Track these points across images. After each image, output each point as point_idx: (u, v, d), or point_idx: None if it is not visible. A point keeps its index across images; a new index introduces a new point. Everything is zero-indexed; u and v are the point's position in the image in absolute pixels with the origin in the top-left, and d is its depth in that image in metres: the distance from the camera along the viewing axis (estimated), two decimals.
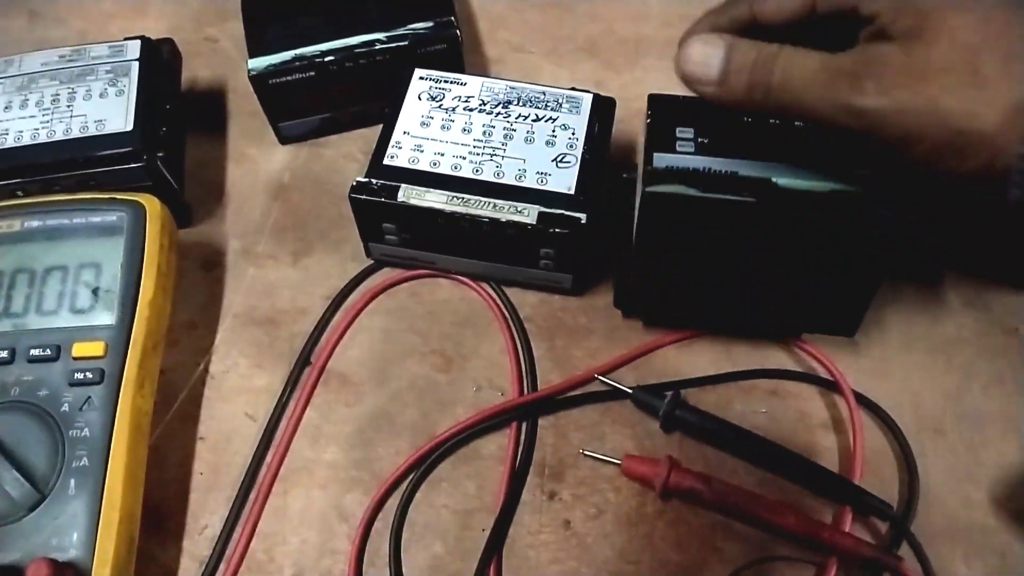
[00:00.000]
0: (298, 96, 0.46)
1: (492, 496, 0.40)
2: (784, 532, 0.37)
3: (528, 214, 0.39)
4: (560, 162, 0.41)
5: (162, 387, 0.41)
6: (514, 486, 0.40)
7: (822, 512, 0.39)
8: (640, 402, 0.40)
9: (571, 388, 0.42)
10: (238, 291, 0.45)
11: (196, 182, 0.48)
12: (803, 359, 0.42)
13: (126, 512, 0.36)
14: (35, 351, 0.38)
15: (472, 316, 0.44)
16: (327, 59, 0.45)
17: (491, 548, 0.38)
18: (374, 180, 0.41)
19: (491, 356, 0.43)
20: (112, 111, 0.43)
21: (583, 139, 0.42)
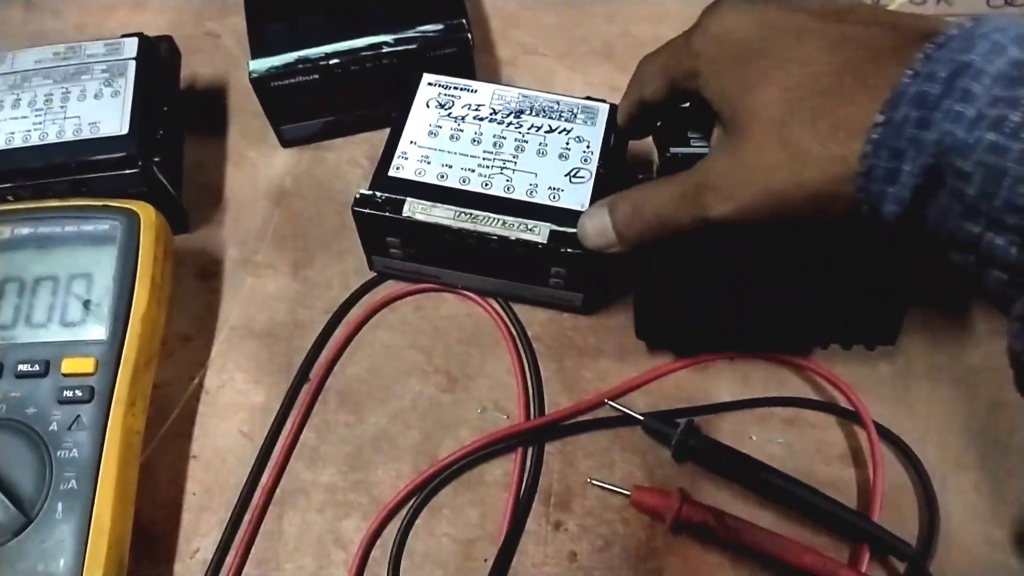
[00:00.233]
0: (301, 99, 0.44)
1: (495, 525, 0.38)
2: (799, 571, 0.36)
3: (539, 232, 0.38)
4: (574, 177, 0.39)
5: (155, 401, 0.40)
6: (518, 515, 0.38)
7: (837, 549, 0.37)
8: (651, 430, 0.39)
9: (580, 412, 0.40)
10: (235, 302, 0.44)
11: (194, 185, 0.46)
12: (823, 387, 0.41)
13: (115, 538, 0.34)
14: (23, 366, 0.36)
15: (478, 333, 0.43)
16: (332, 62, 0.43)
17: None
18: (378, 193, 0.39)
19: (497, 376, 0.41)
20: (107, 113, 0.41)
21: (598, 153, 0.40)
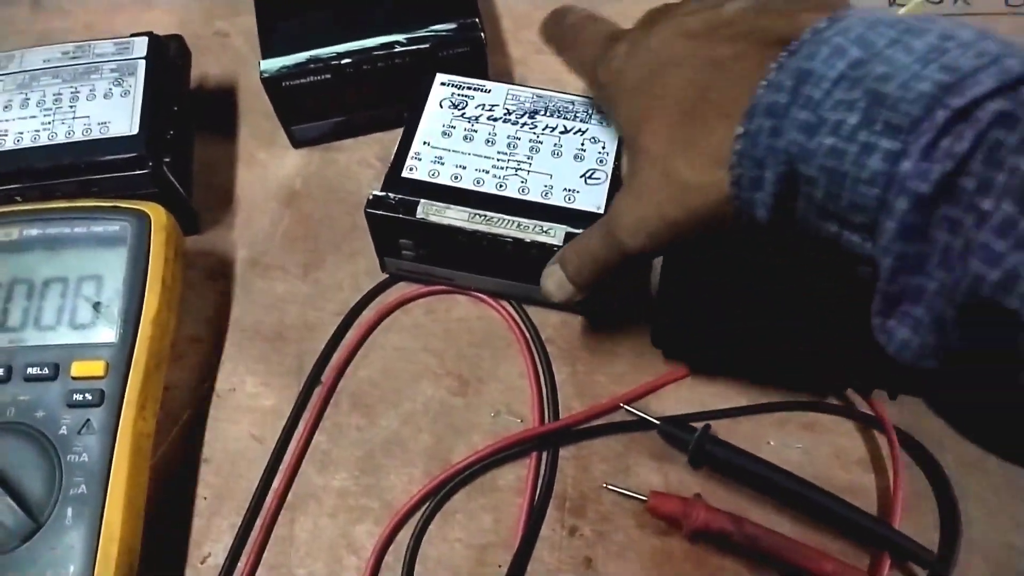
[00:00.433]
0: (312, 99, 0.44)
1: (509, 530, 0.38)
2: None
3: (554, 235, 0.37)
4: (589, 178, 0.39)
5: (165, 404, 0.39)
6: (533, 520, 0.38)
7: (857, 556, 0.37)
8: (667, 435, 0.38)
9: (595, 417, 0.40)
10: (245, 304, 0.43)
11: (203, 186, 0.46)
12: (841, 390, 0.40)
13: (126, 544, 0.34)
14: (32, 369, 0.36)
15: (491, 336, 0.42)
16: (343, 61, 0.42)
17: None
18: (391, 194, 0.38)
19: (510, 380, 0.41)
20: (117, 113, 0.41)
21: (614, 153, 0.40)
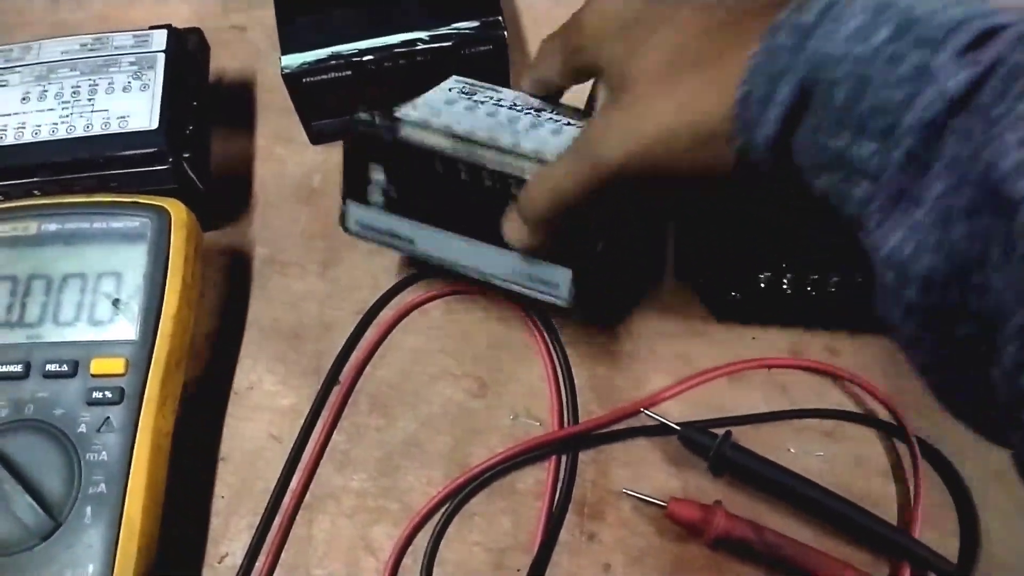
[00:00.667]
0: (333, 95, 0.43)
1: (528, 534, 0.38)
2: None
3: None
4: None
5: (182, 402, 0.39)
6: (552, 525, 0.37)
7: (876, 566, 0.37)
8: (688, 441, 0.38)
9: (614, 421, 0.39)
10: (263, 302, 0.43)
11: (221, 182, 0.45)
12: (862, 399, 0.40)
13: (145, 543, 0.34)
14: (51, 366, 0.36)
15: (509, 338, 0.42)
16: (365, 58, 0.42)
17: None
18: (378, 116, 0.36)
19: (529, 382, 0.41)
20: (136, 107, 0.41)
21: None
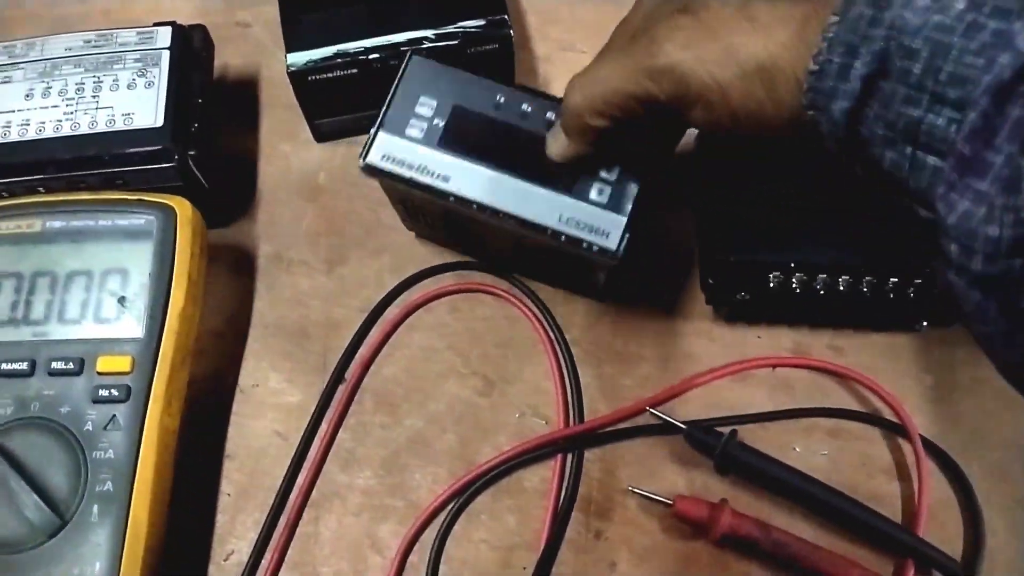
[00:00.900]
0: (338, 93, 0.43)
1: (534, 532, 0.38)
2: None
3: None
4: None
5: (188, 400, 0.39)
6: (558, 522, 0.38)
7: (881, 564, 0.37)
8: (694, 440, 0.38)
9: (620, 420, 0.39)
10: (268, 299, 0.43)
11: (226, 179, 0.45)
12: (867, 398, 0.40)
13: (151, 541, 0.34)
14: (57, 364, 0.36)
15: (516, 337, 0.42)
16: (371, 56, 0.42)
17: None
18: None
19: (535, 381, 0.41)
20: (141, 104, 0.40)
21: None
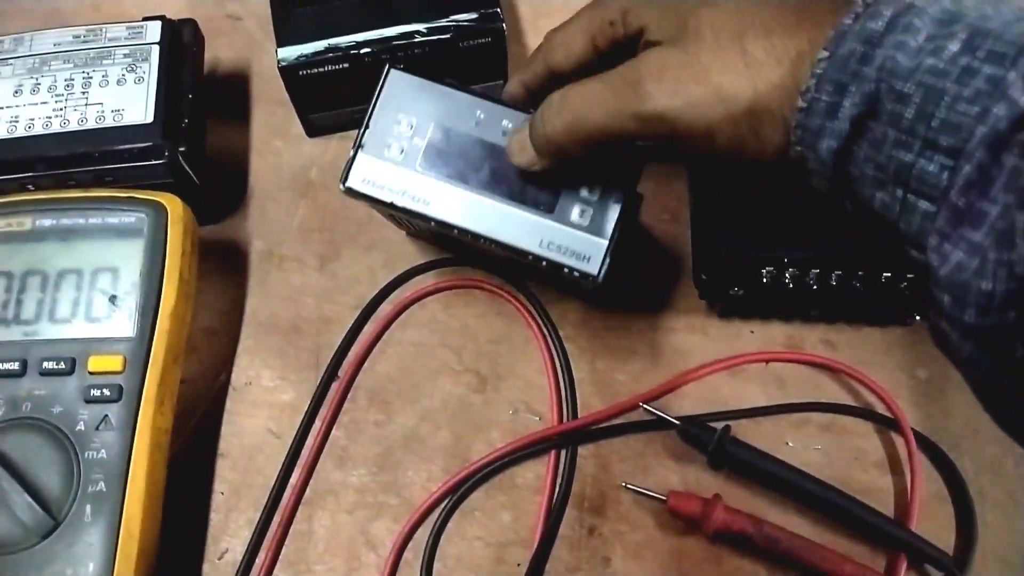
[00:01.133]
0: (330, 88, 0.43)
1: (528, 529, 0.38)
2: None
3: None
4: None
5: (180, 398, 0.39)
6: (552, 519, 0.38)
7: (873, 558, 0.37)
8: (687, 435, 0.38)
9: (614, 416, 0.39)
10: (261, 296, 0.43)
11: (217, 175, 0.45)
12: (860, 392, 0.40)
13: (145, 541, 0.34)
14: (48, 363, 0.35)
15: (509, 333, 0.42)
16: (363, 51, 0.42)
17: None
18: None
19: (529, 377, 0.41)
20: (131, 100, 0.40)
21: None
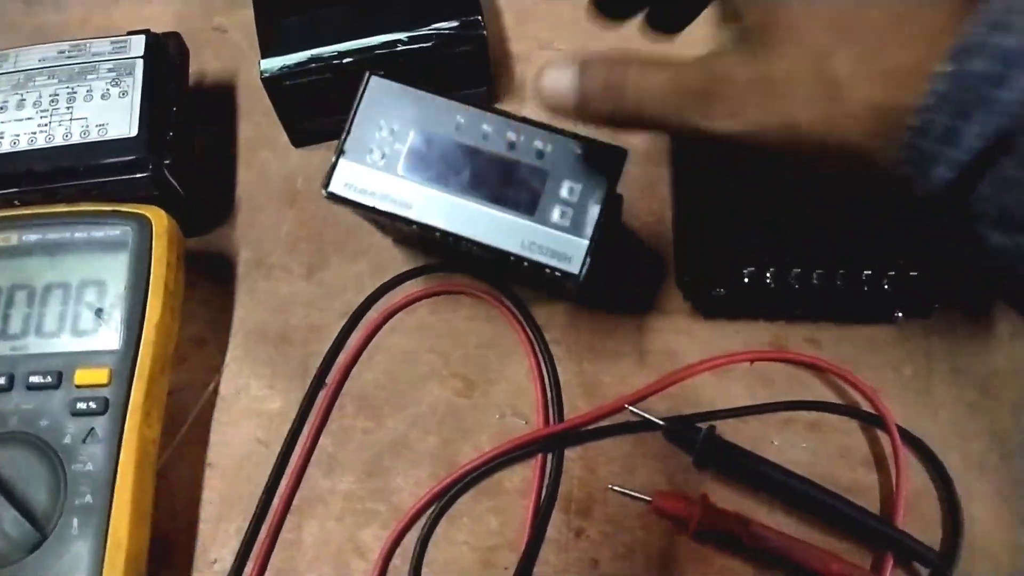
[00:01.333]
0: (314, 98, 0.43)
1: (515, 532, 0.38)
2: None
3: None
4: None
5: (169, 409, 0.39)
6: (539, 522, 0.38)
7: (860, 555, 0.37)
8: (673, 436, 0.38)
9: (600, 418, 0.40)
10: (249, 306, 0.43)
11: (204, 186, 0.45)
12: (845, 390, 0.40)
13: (133, 553, 0.34)
14: (35, 377, 0.36)
15: (496, 337, 0.42)
16: (345, 60, 0.42)
17: None
18: None
19: (516, 381, 0.41)
20: (115, 114, 0.40)
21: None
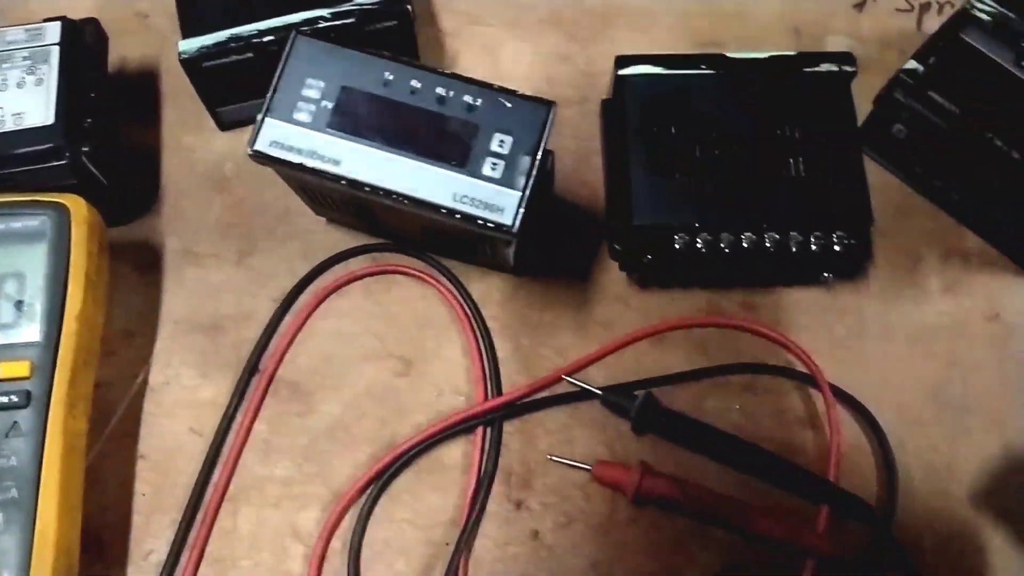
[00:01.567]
0: (236, 79, 0.42)
1: (456, 508, 0.38)
2: (761, 537, 0.36)
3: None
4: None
5: (97, 403, 0.38)
6: (479, 496, 0.38)
7: (799, 513, 0.37)
8: (610, 404, 0.38)
9: (537, 390, 0.39)
10: (178, 295, 0.42)
11: (129, 175, 0.44)
12: (779, 352, 0.40)
13: (62, 546, 0.33)
14: None
15: (432, 316, 0.42)
16: (266, 39, 0.41)
17: (456, 564, 0.36)
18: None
19: (453, 358, 0.41)
20: (31, 103, 0.39)
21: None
